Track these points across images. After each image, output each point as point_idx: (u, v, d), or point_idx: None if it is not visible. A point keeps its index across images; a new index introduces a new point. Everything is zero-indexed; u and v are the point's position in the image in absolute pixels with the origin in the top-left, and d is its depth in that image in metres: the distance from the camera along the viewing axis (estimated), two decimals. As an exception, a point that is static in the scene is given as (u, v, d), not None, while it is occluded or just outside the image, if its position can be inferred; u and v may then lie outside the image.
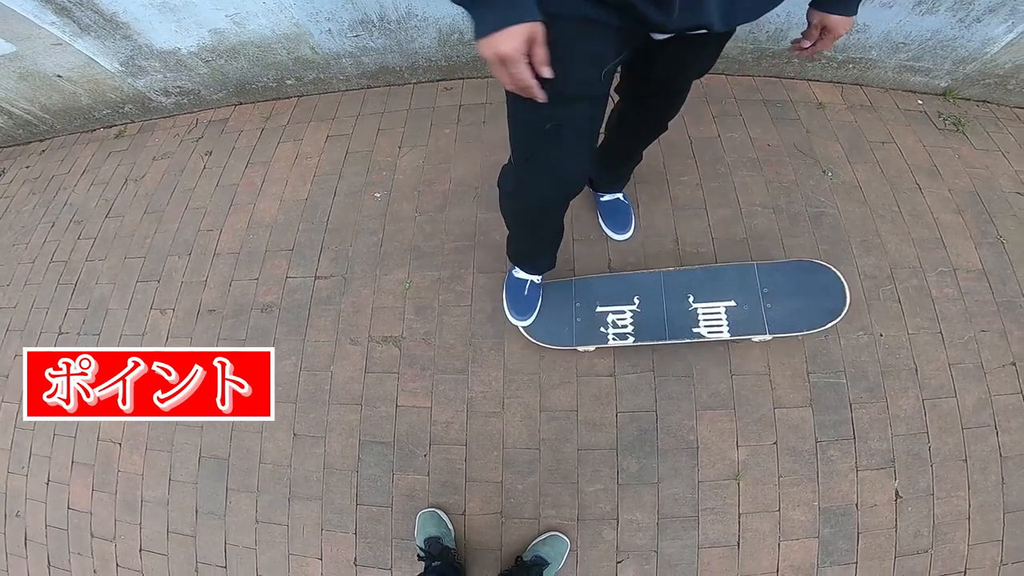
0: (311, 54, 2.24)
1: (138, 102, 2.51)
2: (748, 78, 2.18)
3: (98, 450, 1.93)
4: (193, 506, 1.81)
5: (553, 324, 1.73)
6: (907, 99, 2.15)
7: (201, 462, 1.84)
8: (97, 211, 2.37)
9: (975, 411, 1.65)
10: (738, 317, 1.62)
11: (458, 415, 1.73)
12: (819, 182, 1.95)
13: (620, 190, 1.87)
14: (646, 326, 1.65)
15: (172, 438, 1.88)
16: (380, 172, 2.17)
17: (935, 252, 1.84)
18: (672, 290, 1.68)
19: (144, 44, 2.18)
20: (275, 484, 1.76)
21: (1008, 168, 2.00)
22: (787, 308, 1.62)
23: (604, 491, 1.62)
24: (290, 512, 1.73)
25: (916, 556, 1.55)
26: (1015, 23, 1.83)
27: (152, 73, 2.33)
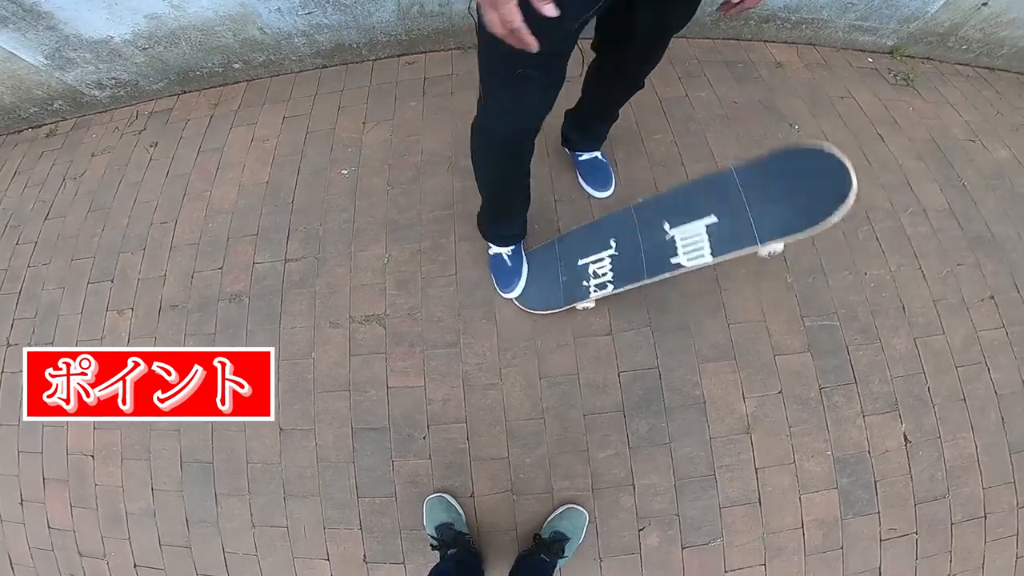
0: (260, 35, 2.08)
1: (69, 98, 2.26)
2: (708, 40, 2.19)
3: (69, 464, 1.72)
4: (182, 515, 1.63)
5: (542, 289, 1.65)
6: (859, 57, 2.21)
7: (184, 467, 1.65)
8: (35, 213, 2.11)
9: (964, 348, 1.68)
10: (721, 233, 1.28)
11: (454, 391, 1.62)
12: (787, 135, 1.97)
13: (598, 148, 1.83)
14: (624, 269, 1.45)
15: (148, 445, 1.68)
16: (345, 149, 2.03)
17: (904, 195, 1.88)
18: (646, 222, 1.42)
19: (71, 34, 1.95)
20: (267, 484, 1.60)
21: (958, 118, 2.09)
22: (779, 207, 1.21)
23: (616, 456, 1.55)
24: (288, 512, 1.58)
25: (936, 502, 1.54)
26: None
27: (82, 65, 2.10)
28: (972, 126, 2.08)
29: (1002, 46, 2.19)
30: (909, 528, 1.52)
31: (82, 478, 1.71)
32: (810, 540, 1.50)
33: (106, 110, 2.35)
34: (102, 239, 1.99)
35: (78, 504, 1.70)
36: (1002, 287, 1.77)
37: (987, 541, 1.53)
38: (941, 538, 1.53)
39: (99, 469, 1.71)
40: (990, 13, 2.03)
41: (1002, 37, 2.14)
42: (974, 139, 2.04)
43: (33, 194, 2.17)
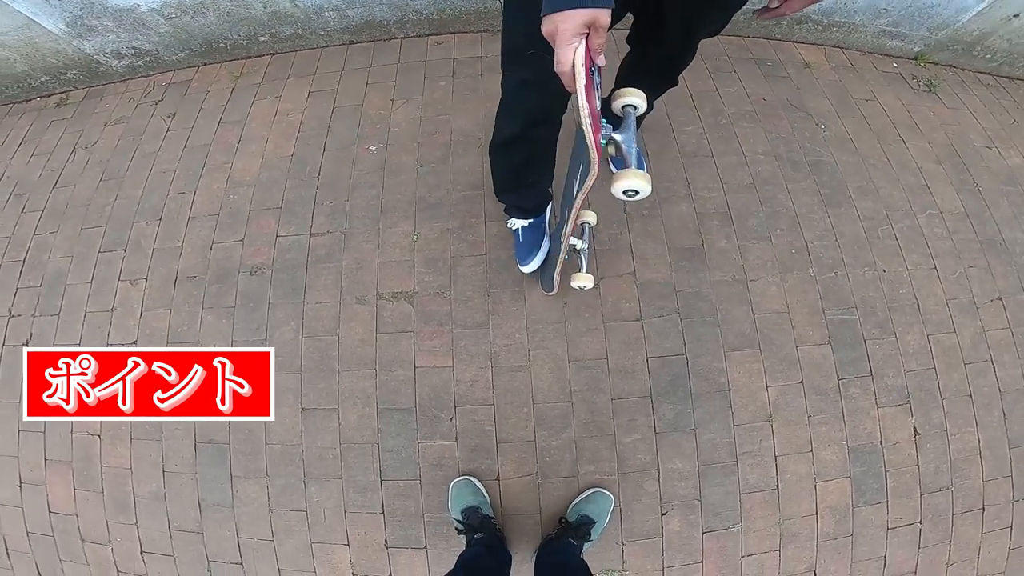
0: (291, 7, 2.01)
1: (84, 67, 2.15)
2: (739, 38, 2.17)
3: (74, 444, 1.63)
4: (195, 499, 1.55)
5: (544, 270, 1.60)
6: (884, 62, 2.21)
7: (198, 448, 1.58)
8: (42, 182, 2.01)
9: (973, 346, 1.69)
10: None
11: (482, 372, 1.57)
12: (814, 133, 1.96)
13: None
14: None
15: (160, 425, 1.60)
16: (373, 126, 1.96)
17: (923, 196, 1.88)
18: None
19: (97, 1, 1.86)
20: (286, 466, 1.54)
21: (976, 125, 2.10)
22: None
23: (642, 441, 1.52)
24: (307, 496, 1.52)
25: (939, 493, 1.56)
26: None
27: (104, 34, 2.00)
28: (989, 133, 2.09)
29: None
30: (914, 518, 1.54)
31: (88, 459, 1.63)
32: (823, 527, 1.51)
33: (121, 80, 2.24)
34: (114, 209, 1.90)
35: (82, 487, 1.62)
36: (1010, 289, 1.78)
37: (984, 532, 1.56)
38: (942, 528, 1.55)
39: (106, 450, 1.63)
40: (1020, 25, 2.04)
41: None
42: (991, 146, 2.06)
43: (40, 163, 2.07)
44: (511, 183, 1.50)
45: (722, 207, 1.78)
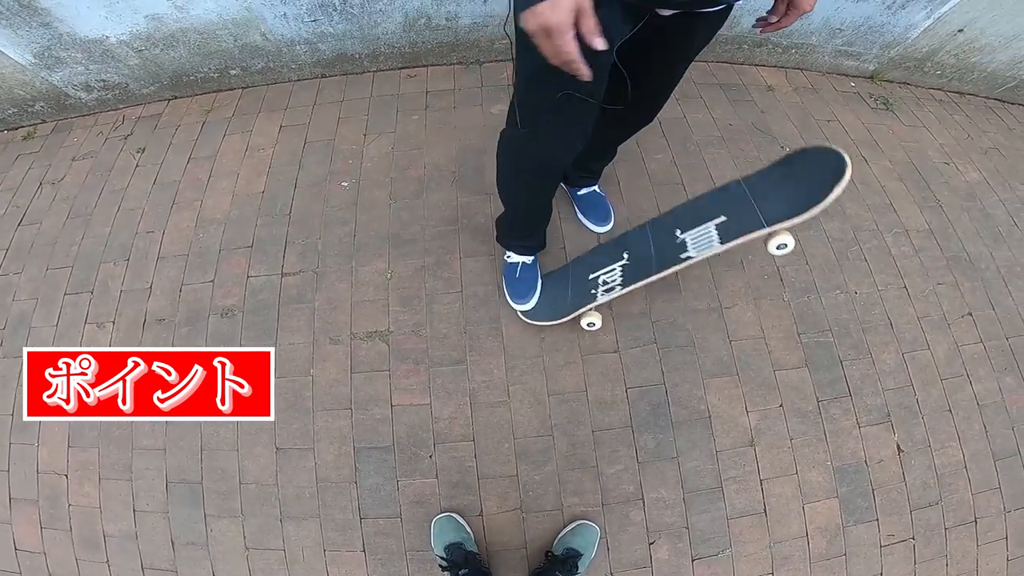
0: (262, 41, 1.96)
1: (52, 99, 2.07)
2: (703, 63, 2.18)
3: (40, 483, 1.55)
4: (167, 537, 1.47)
5: (548, 302, 1.58)
6: (842, 82, 2.24)
7: (169, 488, 1.50)
8: (7, 219, 1.91)
9: (947, 361, 1.69)
10: (729, 227, 1.27)
11: (461, 409, 1.53)
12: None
13: (596, 183, 1.76)
14: (633, 271, 1.41)
15: (130, 464, 1.53)
16: (345, 161, 1.92)
17: (888, 215, 1.89)
18: (659, 235, 1.39)
19: (65, 32, 1.80)
20: (262, 505, 1.47)
21: (933, 141, 2.13)
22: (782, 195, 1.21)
23: (625, 471, 1.49)
24: (284, 535, 1.45)
25: (930, 508, 1.54)
26: (933, 9, 1.95)
27: (72, 65, 1.93)
28: (946, 149, 2.12)
29: (972, 71, 2.26)
30: (906, 534, 1.52)
31: (54, 498, 1.54)
32: (815, 548, 1.48)
33: (90, 113, 2.17)
34: (81, 248, 1.82)
35: (49, 525, 1.53)
36: (978, 304, 1.79)
37: (979, 544, 1.54)
38: (937, 543, 1.52)
39: (73, 489, 1.54)
40: (965, 39, 2.08)
41: (973, 63, 2.21)
42: (948, 161, 2.08)
43: (6, 199, 1.98)
44: (535, 217, 1.45)
45: (692, 198, 1.76)
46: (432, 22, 1.94)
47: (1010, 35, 2.05)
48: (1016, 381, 1.70)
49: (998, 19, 1.99)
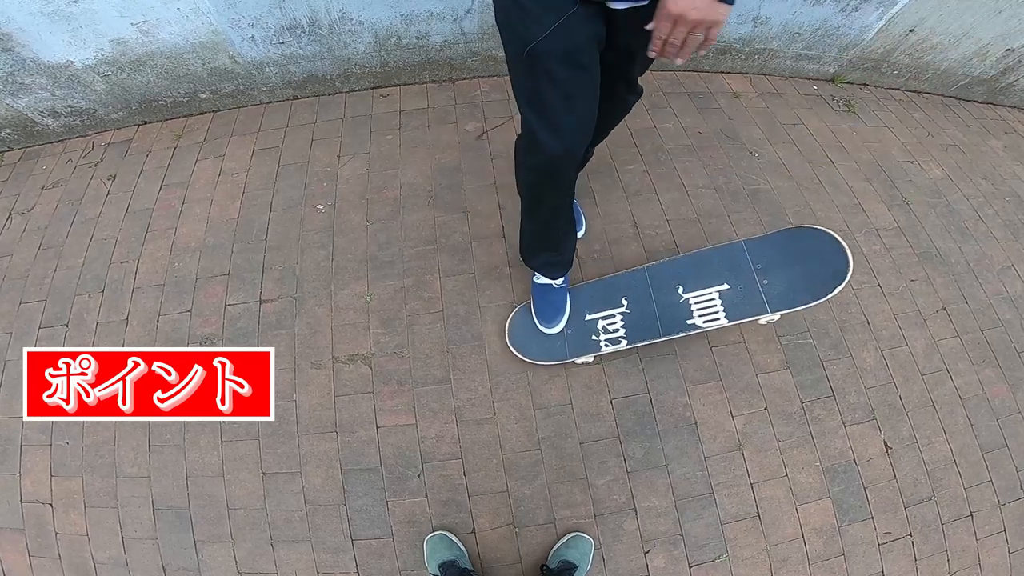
0: (231, 64, 1.92)
1: (18, 126, 2.00)
2: (669, 73, 2.19)
3: (24, 512, 1.49)
4: (158, 564, 1.42)
5: (545, 340, 1.53)
6: (805, 85, 2.27)
7: (156, 515, 1.45)
8: (-25, 252, 1.84)
9: (926, 357, 1.70)
10: (734, 300, 1.40)
11: (448, 427, 1.49)
12: (749, 162, 1.97)
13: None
14: (638, 326, 1.46)
15: (114, 492, 1.48)
16: (320, 183, 1.88)
17: (857, 215, 1.91)
18: (660, 284, 1.49)
19: (29, 58, 1.74)
20: (251, 530, 1.42)
21: (896, 140, 2.16)
22: (785, 280, 1.38)
23: (615, 481, 1.46)
24: (276, 559, 1.40)
25: (923, 504, 1.53)
26: (884, 10, 1.98)
27: (37, 91, 1.87)
28: (908, 147, 2.15)
29: (927, 70, 2.30)
30: (903, 531, 1.50)
31: (40, 527, 1.49)
32: (812, 549, 1.46)
33: (59, 140, 2.10)
34: (54, 280, 1.76)
35: (37, 554, 1.48)
36: (952, 299, 1.81)
37: (979, 539, 1.52)
38: (935, 539, 1.50)
39: (59, 517, 1.49)
40: (917, 39, 2.12)
41: (927, 62, 2.25)
42: (911, 160, 2.11)
43: (-26, 231, 1.90)
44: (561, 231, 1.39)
45: (669, 244, 1.76)
46: (402, 41, 1.91)
47: (958, 33, 2.10)
48: (995, 373, 1.71)
49: (946, 18, 2.03)
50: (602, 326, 1.50)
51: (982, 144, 2.28)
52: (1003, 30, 2.08)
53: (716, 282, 1.43)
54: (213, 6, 1.69)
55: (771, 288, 1.38)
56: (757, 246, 1.46)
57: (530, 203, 1.32)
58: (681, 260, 1.52)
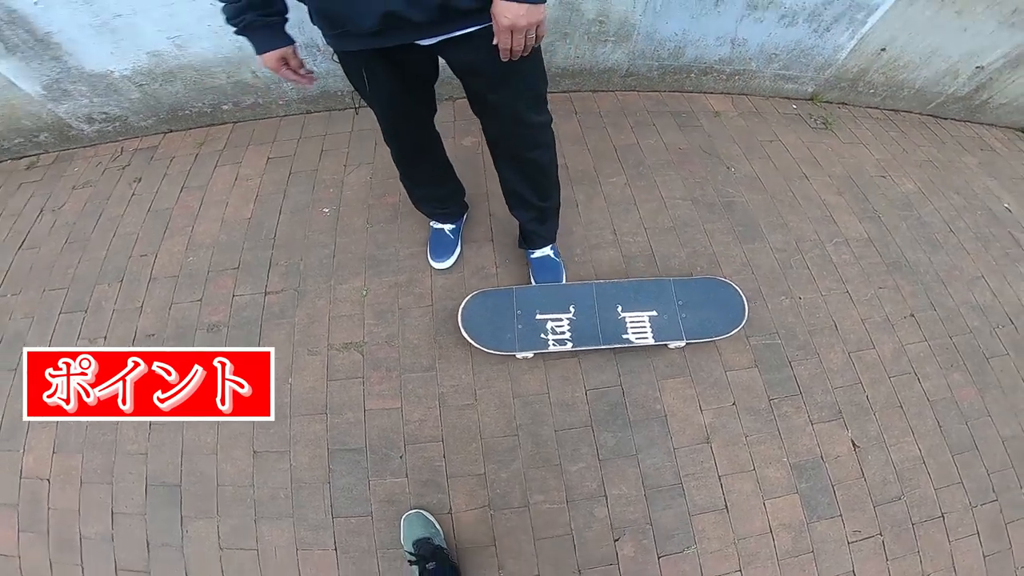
0: (252, 78, 2.06)
1: (56, 130, 2.15)
2: (656, 93, 2.29)
3: (22, 488, 1.54)
4: (143, 539, 1.46)
5: (497, 330, 1.61)
6: (784, 105, 2.35)
7: (149, 491, 1.50)
8: (8, 244, 1.96)
9: (894, 360, 1.73)
10: (660, 325, 1.63)
11: (431, 412, 1.55)
12: (725, 176, 2.06)
13: (547, 245, 1.71)
14: (582, 333, 1.61)
15: (112, 468, 1.53)
16: (327, 190, 1.99)
17: (828, 227, 1.97)
18: (603, 300, 1.66)
19: (74, 66, 1.89)
20: (238, 507, 1.47)
21: (870, 156, 2.23)
22: (699, 317, 1.65)
23: (588, 469, 1.50)
24: (258, 535, 1.44)
25: (893, 503, 1.53)
26: (855, 30, 2.06)
27: (77, 98, 2.02)
28: (882, 163, 2.21)
29: (902, 89, 2.36)
30: (873, 530, 1.50)
31: (35, 503, 1.53)
32: (781, 544, 1.46)
33: (91, 145, 2.24)
34: (78, 270, 1.86)
35: (27, 529, 1.51)
36: (920, 306, 1.84)
37: (951, 540, 1.51)
38: (906, 539, 1.50)
39: (55, 493, 1.53)
40: (889, 57, 2.19)
41: (902, 80, 2.31)
42: (884, 175, 2.17)
43: (7, 224, 2.02)
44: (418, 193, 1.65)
45: (646, 250, 1.84)
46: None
47: (927, 52, 2.16)
48: (964, 377, 1.73)
49: (914, 37, 2.10)
50: (551, 327, 1.61)
51: (957, 160, 2.33)
52: (970, 48, 2.14)
53: (648, 307, 1.66)
54: None
55: (687, 321, 1.65)
56: (682, 286, 1.72)
57: (399, 167, 1.55)
58: (623, 284, 1.71)
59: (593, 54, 2.12)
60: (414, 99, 1.26)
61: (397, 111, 1.26)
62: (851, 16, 2.00)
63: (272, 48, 1.13)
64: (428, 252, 1.79)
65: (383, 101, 1.22)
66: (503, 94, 1.17)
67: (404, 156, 1.47)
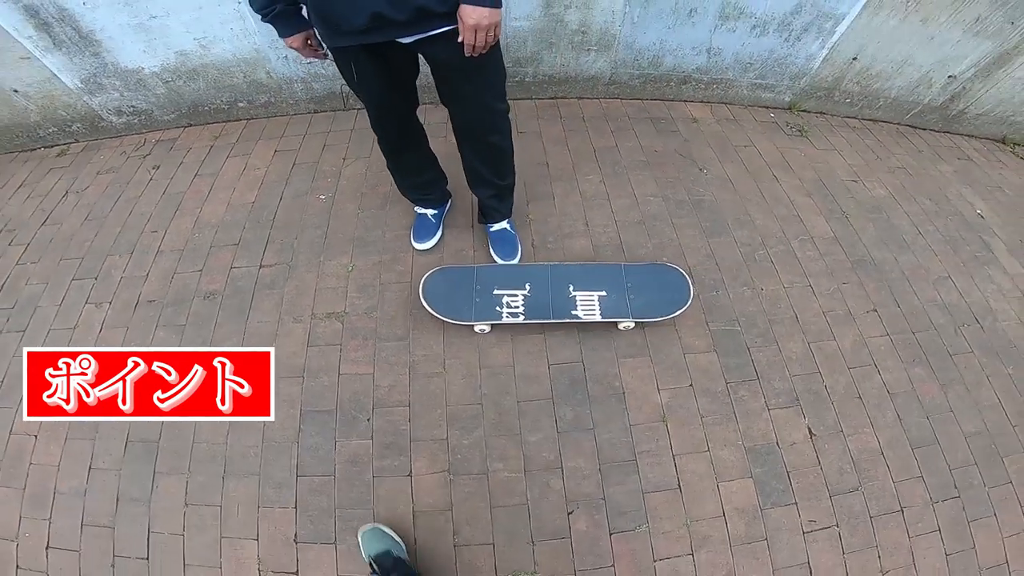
0: (266, 78, 2.25)
1: (88, 121, 2.36)
2: (638, 100, 2.42)
3: (9, 444, 1.61)
4: (114, 494, 1.52)
5: (455, 302, 1.72)
6: (761, 113, 2.45)
7: (128, 447, 1.58)
8: (32, 220, 2.14)
9: (854, 352, 1.75)
10: (608, 304, 1.72)
11: (400, 378, 1.64)
12: (697, 177, 2.15)
13: (503, 219, 1.87)
14: (534, 307, 1.70)
15: (97, 426, 1.61)
16: (326, 179, 2.15)
17: (795, 225, 2.03)
18: (556, 280, 1.76)
19: (111, 62, 2.10)
20: (209, 464, 1.54)
21: (843, 162, 2.30)
22: (646, 299, 1.73)
23: (546, 440, 1.55)
24: (224, 491, 1.50)
25: (850, 494, 1.52)
26: (824, 39, 2.15)
27: (110, 92, 2.23)
28: (855, 169, 2.28)
29: (878, 98, 2.41)
30: (829, 520, 1.49)
31: (18, 457, 1.59)
32: (734, 530, 1.46)
33: (117, 136, 2.45)
34: (93, 243, 2.03)
35: (3, 484, 1.55)
36: (884, 302, 1.88)
37: (911, 536, 1.48)
38: (863, 532, 1.48)
39: (39, 448, 1.59)
40: (862, 67, 2.25)
41: (876, 89, 2.36)
42: (856, 180, 2.23)
43: (35, 204, 2.21)
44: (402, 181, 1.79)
45: (615, 240, 1.93)
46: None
47: (899, 61, 2.21)
48: (926, 372, 1.74)
49: (884, 46, 2.16)
50: (506, 301, 1.71)
51: (931, 168, 2.38)
52: (939, 56, 2.17)
53: (598, 288, 1.76)
54: (258, 28, 2.02)
55: (635, 302, 1.73)
56: (632, 270, 1.81)
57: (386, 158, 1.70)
58: (576, 266, 1.83)
59: (577, 62, 2.26)
60: (398, 93, 1.41)
61: (383, 101, 1.41)
62: (819, 25, 2.08)
63: (296, 31, 1.27)
64: (411, 235, 1.92)
65: (370, 92, 1.37)
66: (475, 84, 1.33)
67: (389, 144, 1.62)
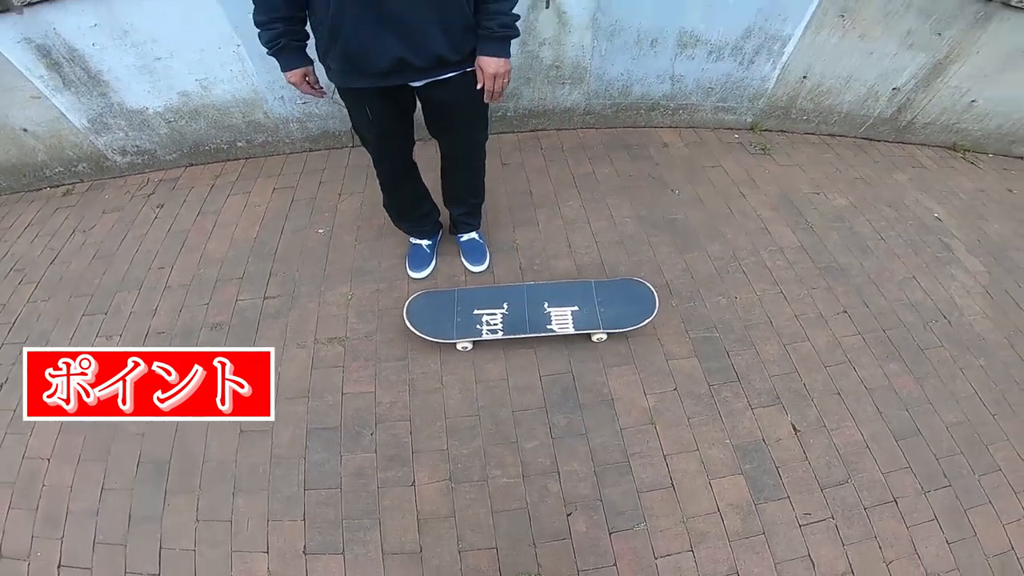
0: (264, 118, 2.38)
1: (93, 160, 2.45)
2: (612, 129, 2.59)
3: (22, 468, 1.65)
4: (126, 513, 1.55)
5: (438, 322, 1.82)
6: (726, 135, 2.62)
7: (140, 467, 1.63)
8: (42, 259, 2.22)
9: (829, 351, 1.86)
10: (580, 317, 1.83)
11: (401, 395, 1.73)
12: (670, 198, 2.30)
13: (473, 230, 2.05)
14: (512, 324, 1.82)
15: (110, 447, 1.67)
16: (323, 214, 2.27)
17: (763, 237, 2.18)
18: (532, 298, 1.89)
19: (117, 102, 2.19)
20: (219, 482, 1.59)
21: (805, 177, 2.46)
22: (615, 312, 1.85)
23: (541, 446, 1.63)
24: (234, 507, 1.55)
25: (841, 487, 1.57)
26: (775, 61, 2.31)
27: (116, 131, 2.32)
28: (816, 182, 2.43)
29: (832, 113, 2.56)
30: (824, 513, 1.52)
31: (31, 480, 1.62)
32: (731, 525, 1.49)
33: (121, 175, 2.55)
34: (102, 281, 2.11)
35: (18, 506, 1.58)
36: (853, 304, 1.99)
37: (909, 526, 1.51)
38: (859, 523, 1.51)
39: (52, 471, 1.63)
40: (812, 84, 2.41)
41: (829, 105, 2.51)
42: (818, 192, 2.39)
43: (43, 243, 2.30)
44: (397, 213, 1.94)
45: (596, 260, 2.06)
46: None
47: (845, 76, 2.37)
48: (900, 367, 1.83)
49: (829, 63, 2.31)
50: (485, 320, 1.83)
51: (888, 178, 2.54)
52: (881, 70, 2.33)
53: (571, 304, 1.88)
54: (256, 70, 2.16)
55: (605, 315, 1.85)
56: (602, 285, 1.94)
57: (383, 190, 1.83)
58: (550, 285, 1.96)
59: (553, 95, 2.43)
60: (400, 129, 1.56)
61: (388, 138, 1.57)
62: (769, 47, 2.25)
63: (298, 66, 1.36)
64: (407, 264, 2.03)
65: (379, 129, 1.51)
66: (467, 119, 1.53)
67: (389, 179, 1.76)
